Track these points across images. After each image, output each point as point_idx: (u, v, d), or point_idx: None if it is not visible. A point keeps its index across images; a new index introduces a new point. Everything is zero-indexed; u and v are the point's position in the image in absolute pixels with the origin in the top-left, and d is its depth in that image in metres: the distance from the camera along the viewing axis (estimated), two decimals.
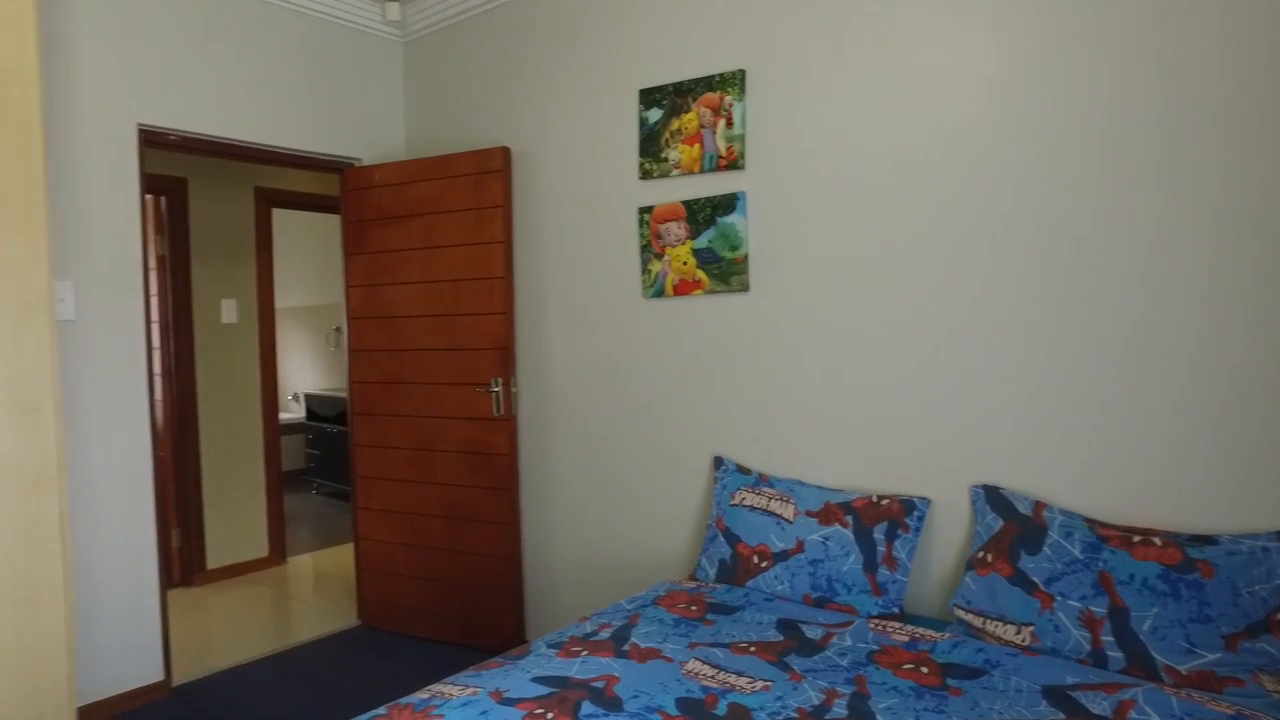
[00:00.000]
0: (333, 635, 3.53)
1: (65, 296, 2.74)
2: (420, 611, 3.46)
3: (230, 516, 4.34)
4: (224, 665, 3.23)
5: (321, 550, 4.88)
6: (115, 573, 2.84)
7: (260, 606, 3.93)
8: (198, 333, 4.21)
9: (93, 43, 2.78)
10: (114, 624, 2.83)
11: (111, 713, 2.79)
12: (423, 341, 3.38)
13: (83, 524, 2.76)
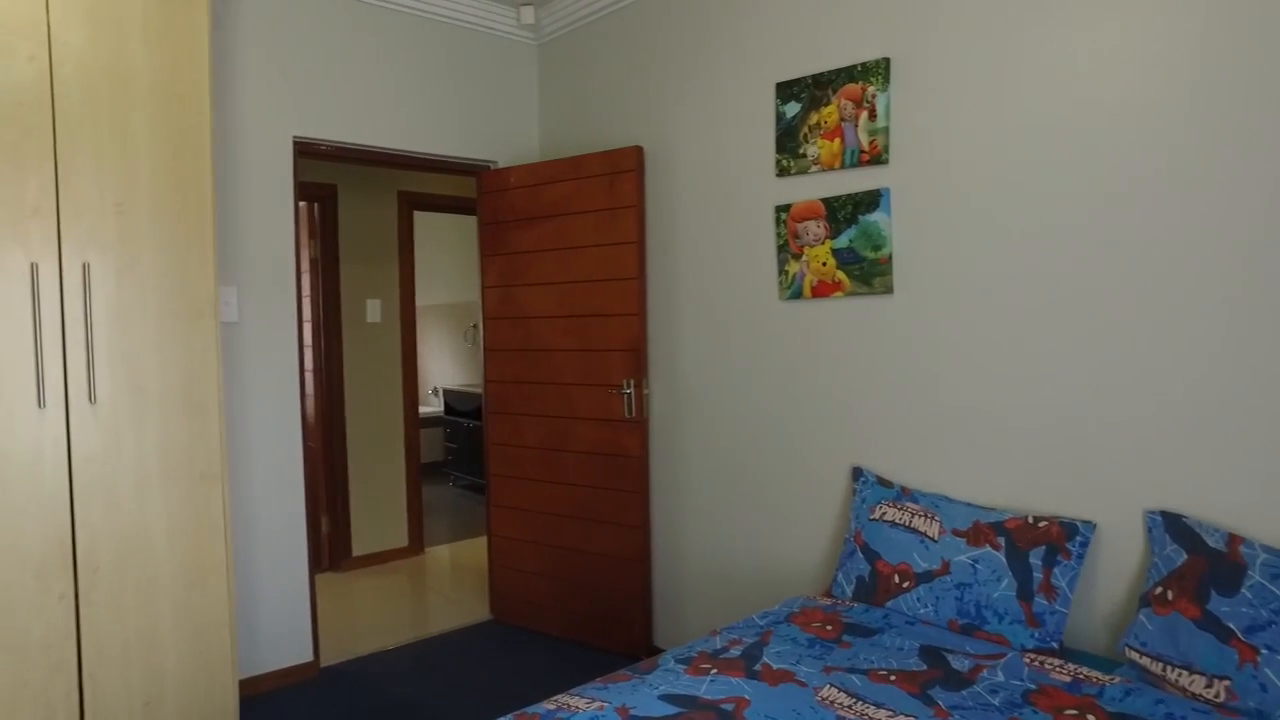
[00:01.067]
0: (466, 628, 3.63)
1: (230, 300, 2.94)
2: (550, 610, 3.50)
3: (373, 506, 4.56)
4: (366, 650, 3.38)
5: (458, 542, 5.05)
6: (271, 559, 3.03)
7: (400, 595, 4.10)
8: (345, 331, 4.44)
9: (253, 64, 2.96)
10: (270, 606, 3.02)
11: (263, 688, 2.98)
12: (555, 342, 3.41)
13: (242, 513, 2.96)
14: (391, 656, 3.32)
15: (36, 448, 2.04)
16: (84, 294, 2.10)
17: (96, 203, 2.11)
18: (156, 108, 2.19)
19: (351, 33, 3.21)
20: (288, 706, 2.88)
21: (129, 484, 2.18)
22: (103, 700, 2.14)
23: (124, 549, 2.17)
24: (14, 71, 2.01)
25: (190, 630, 2.28)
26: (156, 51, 2.19)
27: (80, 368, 2.10)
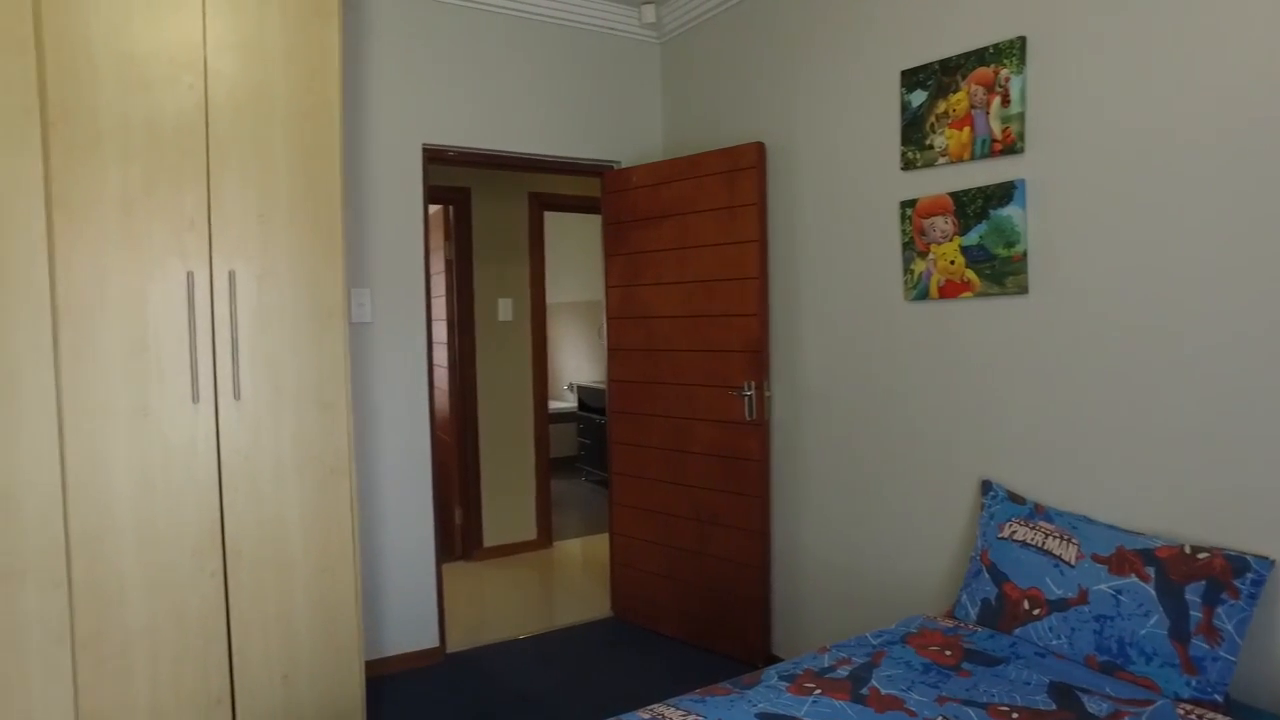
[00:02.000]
0: (588, 623, 3.68)
1: (364, 301, 3.11)
2: (668, 610, 3.49)
3: (504, 499, 4.72)
4: (491, 639, 3.50)
5: (586, 537, 5.14)
6: (400, 548, 3.20)
7: (526, 587, 4.22)
8: (478, 329, 4.61)
9: (385, 77, 3.13)
10: (398, 593, 3.19)
11: (391, 670, 3.15)
12: (676, 342, 3.39)
13: (373, 504, 3.14)
14: (514, 647, 3.42)
15: (191, 440, 2.25)
16: (230, 299, 2.28)
17: (241, 215, 2.29)
18: (293, 125, 2.35)
19: (477, 42, 3.32)
20: (412, 688, 3.03)
21: (268, 475, 2.35)
22: (248, 669, 2.33)
23: (264, 535, 2.34)
24: (177, 100, 2.20)
25: (321, 612, 2.43)
26: (293, 74, 2.35)
27: (227, 367, 2.28)
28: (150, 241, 2.17)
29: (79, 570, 2.11)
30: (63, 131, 2.07)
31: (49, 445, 2.06)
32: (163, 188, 2.18)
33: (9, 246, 2.00)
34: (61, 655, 2.10)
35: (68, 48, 2.07)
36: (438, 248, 4.74)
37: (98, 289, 2.11)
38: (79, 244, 2.09)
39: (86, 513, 2.12)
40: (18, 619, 2.04)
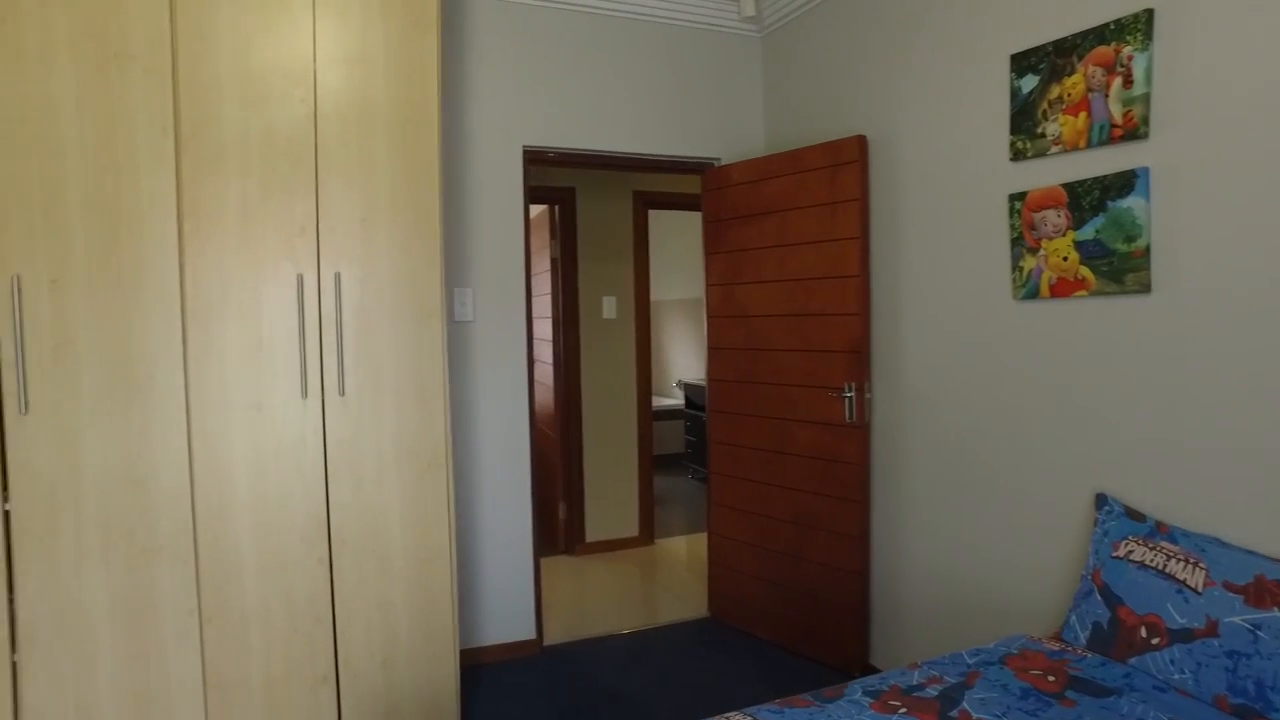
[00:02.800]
0: (684, 622, 3.67)
1: (466, 300, 3.22)
2: (765, 614, 3.43)
3: (606, 495, 4.78)
4: (588, 634, 3.55)
5: (688, 535, 5.13)
6: (498, 541, 3.29)
7: (625, 583, 4.25)
8: (582, 327, 4.68)
9: (485, 81, 3.22)
10: (496, 585, 3.29)
11: (488, 659, 3.25)
12: (776, 341, 3.32)
13: (472, 497, 3.25)
14: (610, 642, 3.46)
15: (300, 433, 2.39)
16: (336, 300, 2.40)
17: (345, 220, 2.41)
18: (394, 133, 2.45)
19: (576, 43, 3.36)
20: (507, 678, 3.11)
21: (370, 468, 2.47)
22: (351, 652, 2.46)
23: (366, 525, 2.46)
24: (290, 113, 2.34)
25: (419, 601, 2.54)
26: (394, 84, 2.45)
27: (333, 364, 2.41)
28: (265, 247, 2.32)
29: (204, 550, 2.29)
30: (192, 147, 2.24)
31: (179, 436, 2.24)
32: (276, 196, 2.33)
33: (148, 255, 2.19)
34: (191, 626, 2.28)
35: (197, 71, 2.24)
36: (543, 247, 4.84)
37: (220, 292, 2.28)
38: (204, 251, 2.26)
39: (209, 498, 2.29)
40: (156, 591, 2.24)
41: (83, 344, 2.14)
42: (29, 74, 2.09)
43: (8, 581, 2.13)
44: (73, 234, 2.12)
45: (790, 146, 3.48)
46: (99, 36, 2.13)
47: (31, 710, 2.16)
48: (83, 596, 2.18)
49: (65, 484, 2.15)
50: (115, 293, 2.17)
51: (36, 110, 2.10)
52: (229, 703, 2.33)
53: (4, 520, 2.12)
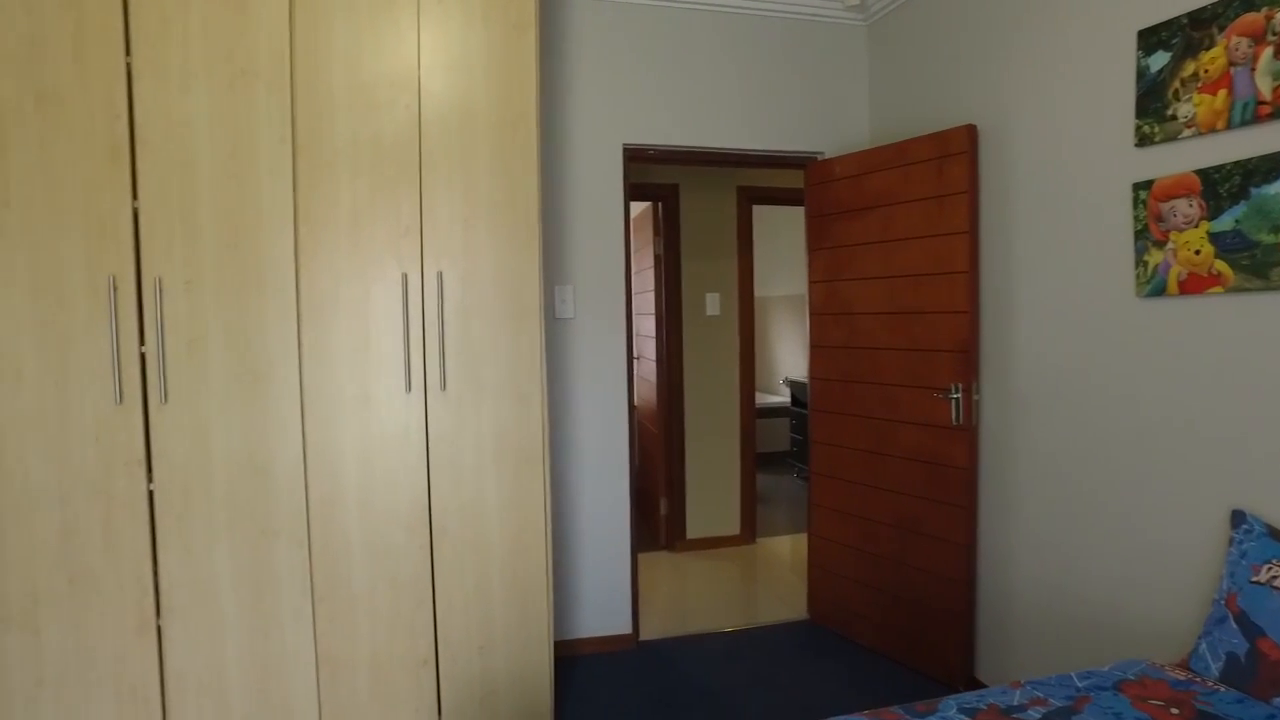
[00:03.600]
0: (782, 624, 3.62)
1: (566, 298, 3.28)
2: (865, 619, 3.33)
3: (708, 492, 4.76)
4: (684, 631, 3.55)
5: (791, 535, 5.04)
6: (596, 535, 3.34)
7: (725, 582, 4.22)
8: (685, 324, 4.67)
9: (585, 81, 3.26)
10: (593, 578, 3.34)
11: (584, 651, 3.30)
12: (879, 340, 3.22)
13: (570, 491, 3.31)
14: (707, 640, 3.45)
15: (404, 426, 2.50)
16: (439, 298, 2.50)
17: (447, 220, 2.50)
18: (493, 134, 2.52)
19: (676, 40, 3.35)
20: (601, 671, 3.15)
21: (469, 461, 2.55)
22: (450, 637, 2.56)
23: (465, 516, 2.55)
24: (396, 119, 2.45)
25: (515, 591, 2.61)
26: (494, 87, 2.51)
27: (435, 360, 2.51)
28: (373, 248, 2.44)
29: (316, 534, 2.44)
30: (307, 155, 2.38)
31: (294, 427, 2.40)
32: (383, 199, 2.44)
33: (268, 257, 2.35)
34: (305, 605, 2.43)
35: (313, 84, 2.38)
36: (647, 244, 4.87)
37: (331, 291, 2.42)
38: (318, 253, 2.40)
39: (321, 486, 2.43)
40: (275, 571, 2.41)
41: (212, 340, 2.32)
42: (171, 95, 2.28)
43: (152, 554, 2.34)
44: (203, 239, 2.30)
45: (896, 139, 3.35)
46: (228, 57, 2.30)
47: (174, 670, 2.36)
48: (212, 572, 2.37)
49: (198, 468, 2.34)
50: (240, 292, 2.33)
51: (177, 127, 2.28)
52: (338, 678, 2.47)
53: (149, 500, 2.33)
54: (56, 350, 2.24)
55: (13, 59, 2.19)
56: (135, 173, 2.26)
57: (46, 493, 2.27)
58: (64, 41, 2.21)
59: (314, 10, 2.37)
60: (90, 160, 2.23)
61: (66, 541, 2.29)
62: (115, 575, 2.31)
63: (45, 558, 2.28)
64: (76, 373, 2.25)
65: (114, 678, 2.33)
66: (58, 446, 2.26)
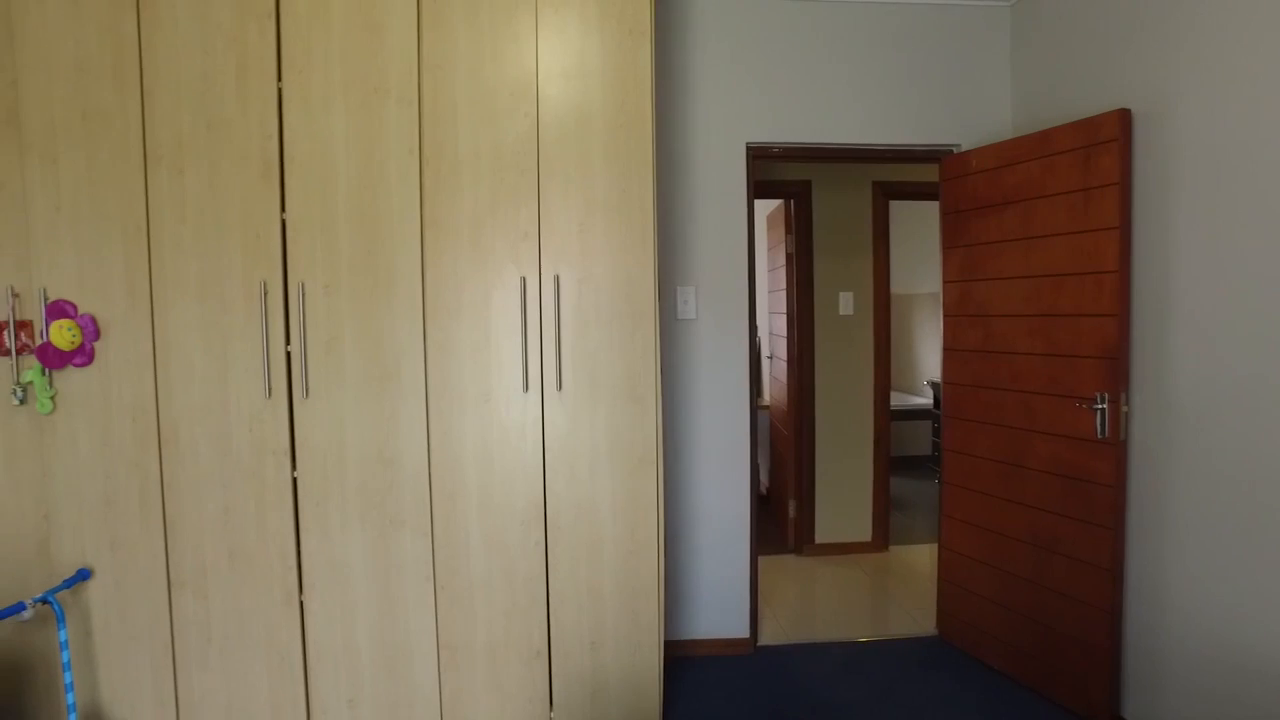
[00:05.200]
0: (908, 638, 3.46)
1: (688, 299, 3.28)
2: (997, 640, 3.13)
3: (838, 496, 4.62)
4: (806, 638, 3.47)
5: (927, 544, 4.81)
6: (714, 537, 3.33)
7: (852, 590, 4.09)
8: (818, 323, 4.56)
9: (705, 81, 3.24)
10: (710, 581, 3.33)
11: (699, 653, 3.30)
12: (1015, 344, 3.01)
13: (689, 493, 3.31)
14: (828, 650, 3.36)
15: (521, 424, 2.59)
16: (555, 300, 2.57)
17: (564, 225, 2.56)
18: (608, 139, 2.56)
19: (801, 34, 3.27)
20: (714, 674, 3.14)
21: (584, 460, 2.62)
22: (562, 631, 2.64)
23: (579, 514, 2.62)
24: (517, 126, 2.55)
25: (627, 590, 2.65)
26: (610, 92, 2.55)
27: (551, 361, 2.59)
28: (493, 252, 2.55)
29: (438, 525, 2.58)
30: (433, 165, 2.52)
31: (419, 422, 2.55)
32: (503, 205, 2.54)
33: (400, 262, 2.51)
34: (427, 591, 2.59)
35: (437, 97, 2.51)
36: (779, 242, 4.78)
37: (454, 294, 2.54)
38: (442, 257, 2.53)
39: (444, 479, 2.57)
40: (402, 558, 2.57)
41: (346, 340, 2.51)
42: (314, 114, 2.48)
43: (295, 536, 2.56)
44: (340, 246, 2.49)
45: (1041, 128, 3.11)
46: (363, 77, 2.47)
47: (314, 643, 2.58)
48: (346, 555, 2.56)
49: (334, 459, 2.54)
50: (371, 296, 2.50)
51: (319, 144, 2.48)
52: (457, 663, 2.61)
53: (293, 486, 2.55)
54: (219, 348, 2.50)
55: (191, 93, 2.46)
56: (284, 187, 2.48)
57: (212, 476, 2.54)
58: (229, 74, 2.46)
59: (439, 28, 2.49)
60: (247, 178, 2.47)
61: (227, 519, 2.55)
62: (265, 552, 2.55)
63: (211, 533, 2.55)
64: (234, 369, 2.50)
65: (265, 643, 2.58)
66: (220, 435, 2.52)
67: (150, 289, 2.48)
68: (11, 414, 2.54)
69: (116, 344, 2.50)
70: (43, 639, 2.59)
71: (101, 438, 2.52)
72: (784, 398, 4.84)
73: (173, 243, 2.47)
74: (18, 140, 2.48)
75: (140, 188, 2.47)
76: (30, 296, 2.50)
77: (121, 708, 2.60)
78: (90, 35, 2.45)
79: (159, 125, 2.46)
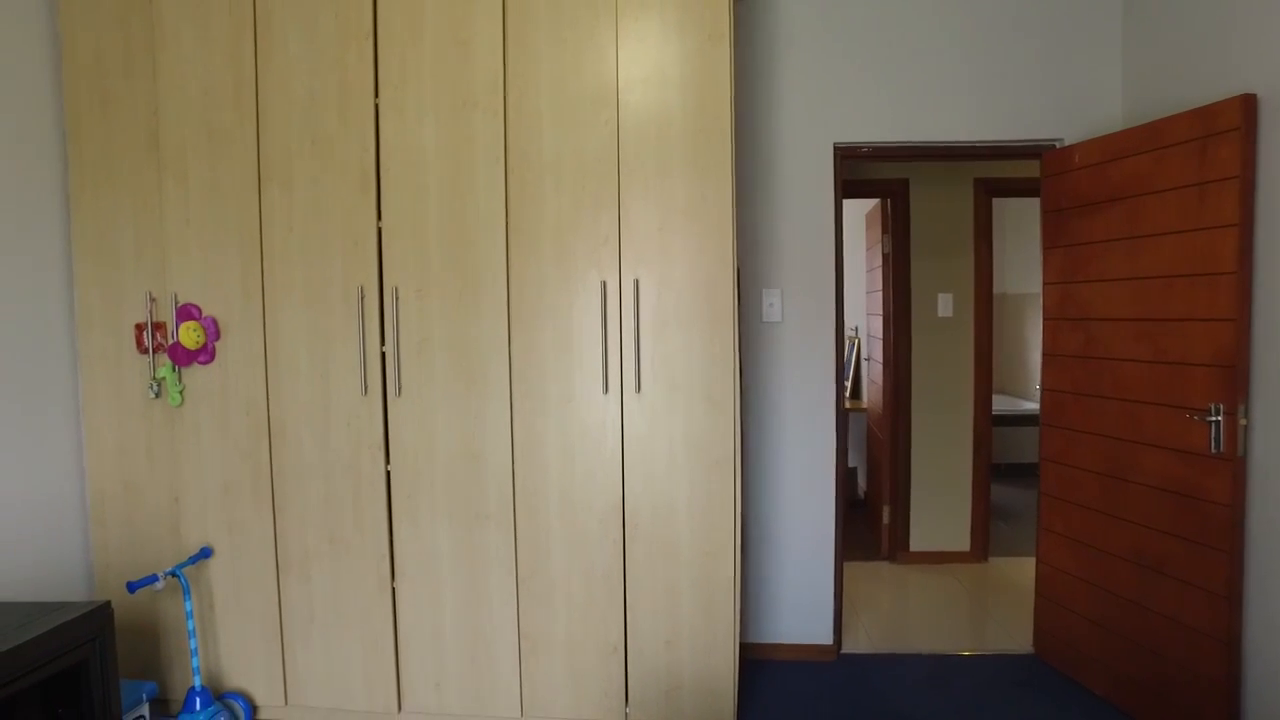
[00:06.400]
0: (1004, 656, 3.32)
1: (774, 302, 3.26)
2: (1098, 664, 2.96)
3: (935, 503, 4.47)
4: (894, 648, 3.39)
5: (1029, 557, 4.57)
6: (797, 541, 3.30)
7: (947, 601, 3.96)
8: (914, 325, 4.42)
9: (789, 84, 3.21)
10: (792, 585, 3.30)
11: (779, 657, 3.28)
12: (1119, 350, 2.84)
13: (771, 496, 3.30)
14: (916, 662, 3.27)
15: (601, 425, 2.66)
16: (635, 303, 2.62)
17: (643, 229, 2.60)
18: (688, 144, 2.58)
19: (889, 30, 3.19)
20: (793, 679, 3.11)
21: (661, 462, 2.65)
22: (638, 629, 2.69)
23: (656, 514, 2.66)
24: (598, 134, 2.61)
25: (702, 592, 2.67)
26: (690, 97, 2.57)
27: (630, 363, 2.64)
28: (574, 256, 2.62)
29: (521, 521, 2.68)
30: (517, 173, 2.61)
31: (504, 421, 2.65)
32: (585, 210, 2.61)
33: (486, 267, 2.62)
34: (509, 583, 2.69)
35: (522, 107, 2.60)
36: (875, 242, 4.67)
37: (536, 297, 2.63)
38: (526, 262, 2.63)
39: (526, 476, 2.67)
40: (486, 552, 2.69)
41: (436, 341, 2.64)
42: (408, 128, 2.62)
43: (388, 526, 2.72)
44: (430, 252, 2.62)
45: (1154, 119, 2.91)
46: (453, 91, 2.60)
47: (405, 627, 2.74)
48: (434, 546, 2.70)
49: (424, 454, 2.68)
50: (459, 299, 2.63)
51: (413, 155, 2.62)
52: (536, 653, 2.70)
53: (386, 479, 2.71)
54: (322, 349, 2.69)
55: (299, 111, 2.66)
56: (380, 197, 2.64)
57: (315, 467, 2.73)
58: (332, 93, 2.64)
59: (523, 42, 2.59)
60: (348, 189, 2.64)
61: (328, 508, 2.74)
62: (361, 540, 2.72)
63: (314, 520, 2.75)
64: (335, 368, 2.68)
65: (360, 625, 2.75)
66: (322, 429, 2.71)
67: (262, 293, 2.70)
68: (148, 406, 2.82)
69: (234, 344, 2.73)
70: (175, 607, 2.86)
71: (221, 429, 2.76)
72: (877, 400, 4.72)
73: (281, 251, 2.68)
74: (157, 160, 2.75)
75: (254, 200, 2.68)
76: (164, 300, 2.76)
77: (237, 674, 2.84)
78: (216, 62, 2.68)
79: (270, 142, 2.66)
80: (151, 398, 2.80)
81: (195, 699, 2.65)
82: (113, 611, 2.24)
